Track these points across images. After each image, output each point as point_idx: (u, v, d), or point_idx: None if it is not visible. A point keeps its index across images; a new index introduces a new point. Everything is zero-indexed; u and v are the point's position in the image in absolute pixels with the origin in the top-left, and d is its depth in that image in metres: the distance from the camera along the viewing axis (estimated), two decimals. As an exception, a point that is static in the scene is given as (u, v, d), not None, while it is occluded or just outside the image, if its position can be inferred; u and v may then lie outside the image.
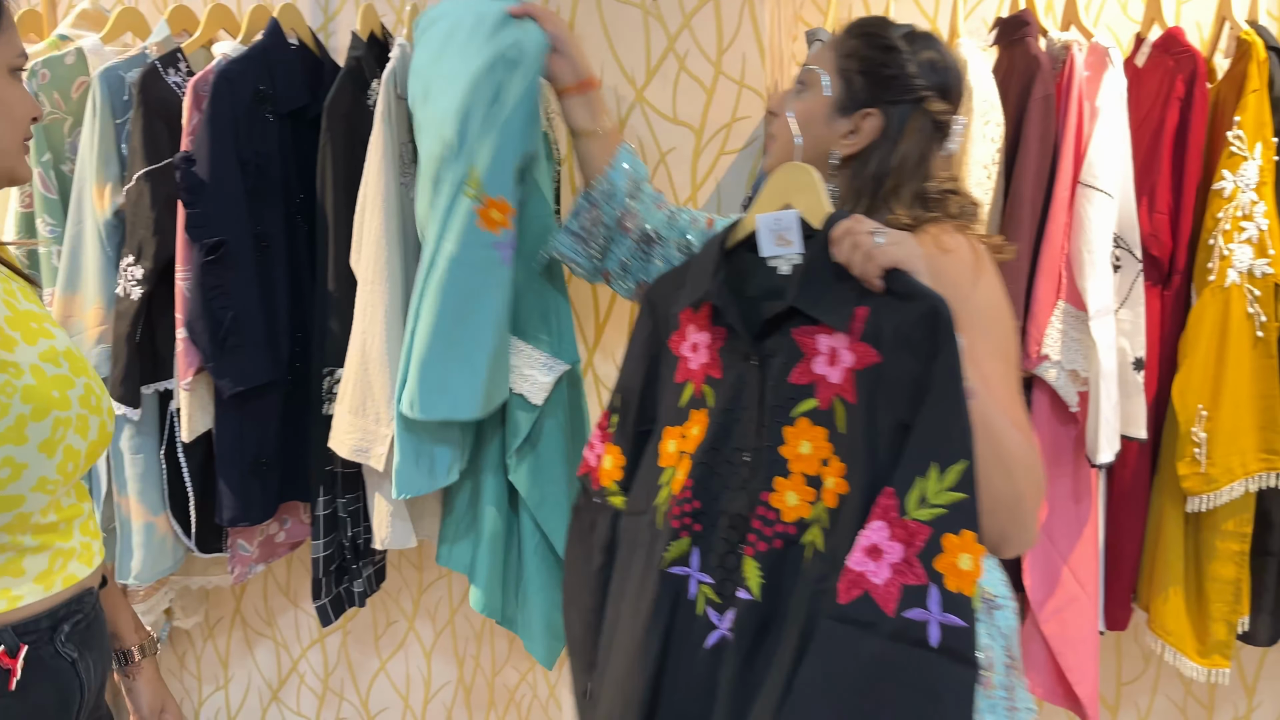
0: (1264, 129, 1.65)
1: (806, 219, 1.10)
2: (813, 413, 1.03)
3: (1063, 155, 1.69)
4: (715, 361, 1.14)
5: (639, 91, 1.89)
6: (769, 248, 1.12)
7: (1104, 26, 2.08)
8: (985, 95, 1.71)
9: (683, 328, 1.18)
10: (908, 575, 0.90)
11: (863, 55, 1.23)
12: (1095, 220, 1.65)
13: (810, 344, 1.05)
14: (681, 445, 1.14)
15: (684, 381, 1.16)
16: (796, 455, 1.04)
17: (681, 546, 1.10)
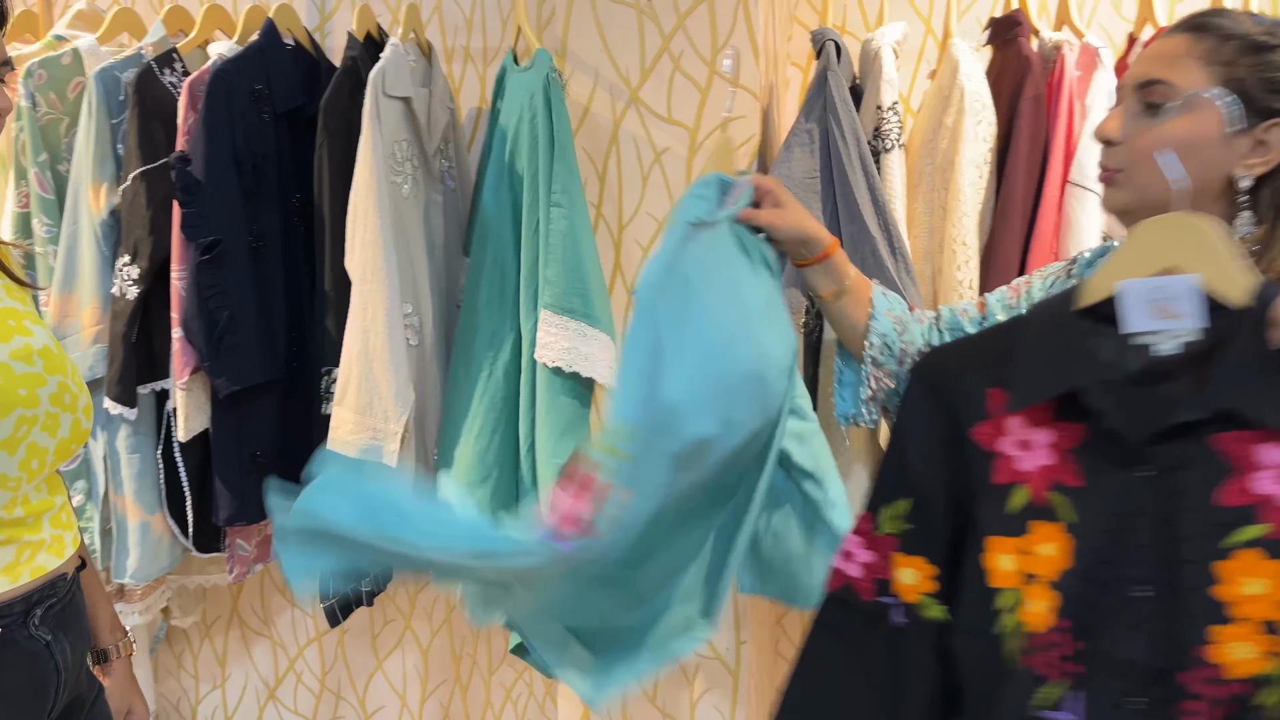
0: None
1: (1213, 288, 0.87)
2: (1261, 542, 0.84)
3: (1053, 155, 1.71)
4: (1068, 466, 0.91)
5: (634, 91, 1.90)
6: (1141, 321, 0.89)
7: (1098, 26, 2.09)
8: (977, 95, 1.73)
9: (997, 419, 0.94)
10: None
11: (1248, 60, 1.03)
12: (1084, 219, 1.67)
13: (1243, 455, 0.85)
14: (1024, 565, 0.92)
15: (1011, 484, 0.94)
16: (1241, 597, 0.84)
17: (1054, 693, 0.90)
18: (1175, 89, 1.03)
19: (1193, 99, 1.03)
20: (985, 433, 0.95)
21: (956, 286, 1.71)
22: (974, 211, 1.71)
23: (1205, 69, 1.03)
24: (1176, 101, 1.03)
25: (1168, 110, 1.04)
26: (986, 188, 1.76)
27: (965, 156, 1.71)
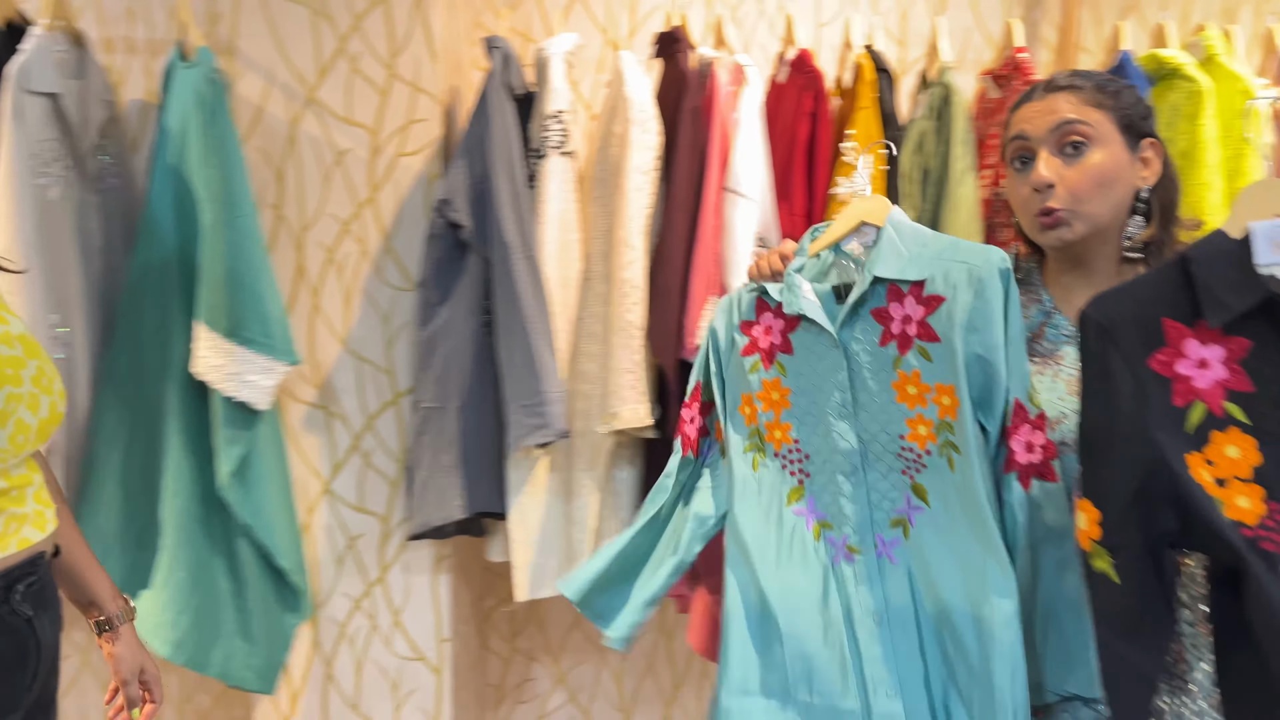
0: (872, 140, 1.88)
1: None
2: None
3: (710, 162, 1.85)
4: (1239, 374, 1.08)
5: (310, 92, 1.88)
6: (1268, 255, 1.07)
7: (757, 46, 2.28)
8: (643, 105, 1.84)
9: (1177, 343, 1.10)
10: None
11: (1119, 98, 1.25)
12: (739, 223, 1.82)
13: None
14: (1215, 471, 1.08)
15: (1189, 403, 1.09)
16: None
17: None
18: (1090, 127, 1.21)
19: (1102, 133, 1.22)
20: (1161, 360, 1.10)
21: (622, 285, 1.82)
22: (640, 215, 1.83)
23: (1098, 110, 1.22)
24: (1091, 140, 1.21)
25: (1085, 148, 1.22)
26: (654, 193, 1.88)
27: (632, 163, 1.82)
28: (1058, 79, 1.26)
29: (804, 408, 1.35)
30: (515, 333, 1.77)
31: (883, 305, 1.27)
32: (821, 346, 1.32)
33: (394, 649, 2.01)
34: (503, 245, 1.70)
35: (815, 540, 1.33)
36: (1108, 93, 1.23)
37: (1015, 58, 1.95)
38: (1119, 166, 1.22)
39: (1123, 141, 1.22)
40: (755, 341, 1.38)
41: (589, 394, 1.92)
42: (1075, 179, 1.22)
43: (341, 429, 1.95)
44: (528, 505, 1.95)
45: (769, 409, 1.39)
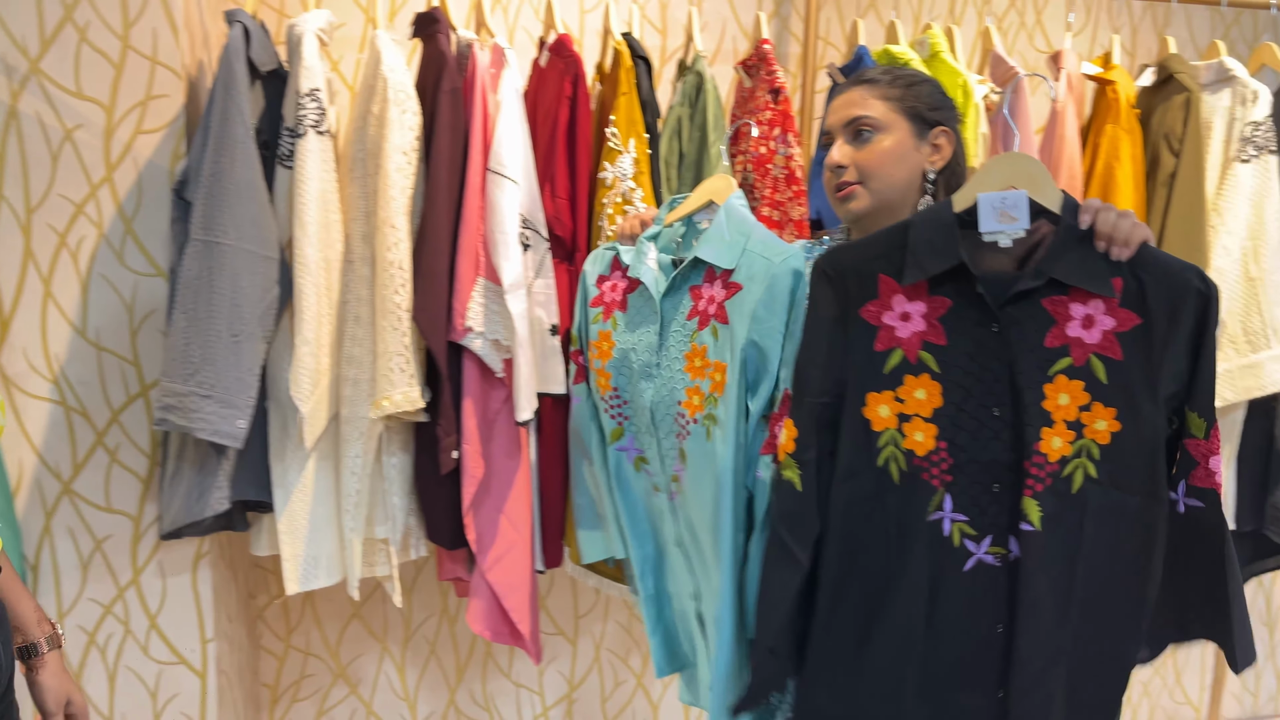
0: (635, 126, 1.94)
1: (1036, 198, 1.23)
2: (1069, 370, 1.21)
3: (473, 144, 1.85)
4: (935, 328, 1.25)
5: (34, 63, 1.74)
6: (991, 223, 1.21)
7: (522, 30, 2.30)
8: (401, 85, 1.82)
9: (885, 297, 1.26)
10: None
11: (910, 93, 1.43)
12: (504, 204, 1.83)
13: (1062, 311, 1.21)
14: (900, 408, 1.27)
15: (889, 349, 1.26)
16: (1057, 406, 1.22)
17: (938, 497, 1.26)
18: (874, 119, 1.42)
19: (887, 123, 1.41)
20: (871, 310, 1.27)
21: (388, 267, 1.79)
22: (402, 195, 1.81)
23: (886, 104, 1.42)
24: (876, 128, 1.41)
25: (871, 134, 1.41)
26: (416, 174, 1.86)
27: (392, 143, 1.79)
28: (862, 74, 1.47)
29: (620, 361, 1.57)
30: (175, 316, 1.69)
31: (699, 284, 1.47)
32: (647, 310, 1.54)
33: (151, 654, 1.91)
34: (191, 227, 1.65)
35: (636, 471, 1.64)
36: (899, 87, 1.43)
37: (761, 49, 2.07)
38: (903, 150, 1.41)
39: (910, 129, 1.42)
40: (601, 295, 1.62)
41: (356, 379, 1.89)
42: (863, 159, 1.41)
43: (83, 424, 1.82)
44: (295, 495, 1.90)
45: (597, 358, 1.63)
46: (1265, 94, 2.17)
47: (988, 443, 1.25)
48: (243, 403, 1.73)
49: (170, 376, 1.68)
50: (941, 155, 1.43)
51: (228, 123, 1.67)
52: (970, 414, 1.25)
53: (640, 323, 1.55)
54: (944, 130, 1.43)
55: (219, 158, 1.68)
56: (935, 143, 1.43)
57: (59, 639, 1.31)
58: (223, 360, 1.70)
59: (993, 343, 1.23)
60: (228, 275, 1.70)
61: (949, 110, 1.46)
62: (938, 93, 1.46)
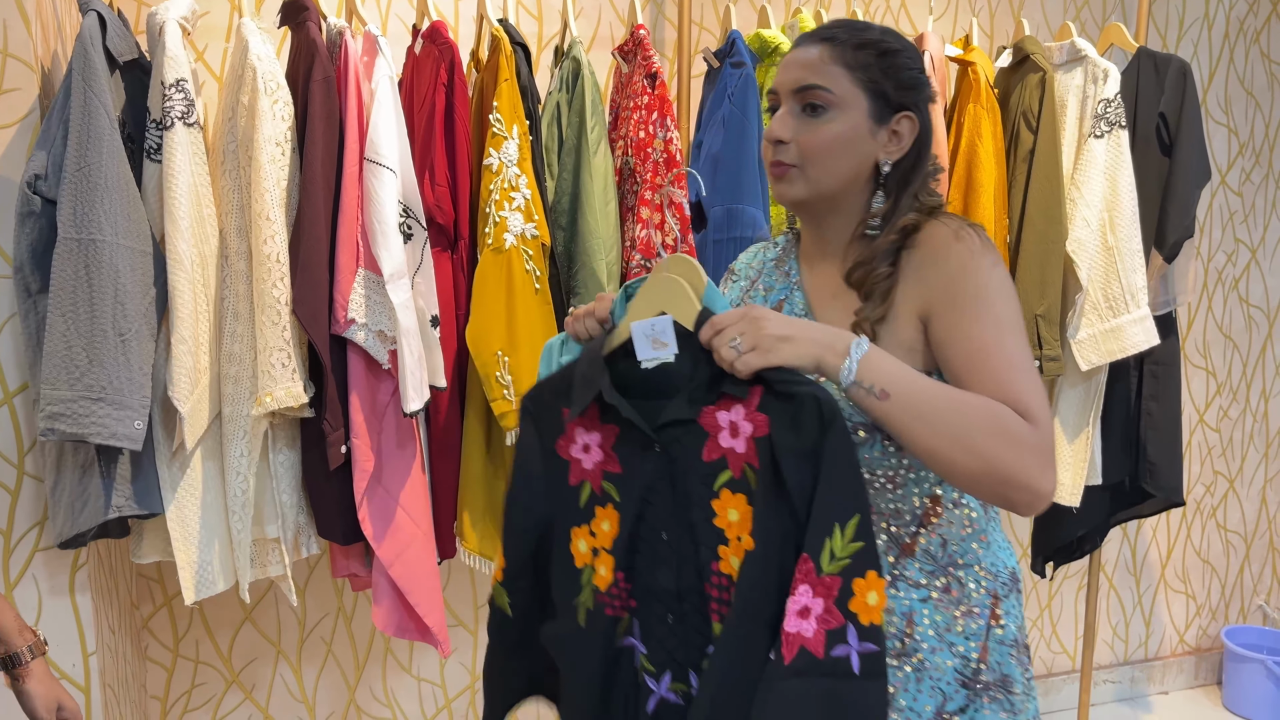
0: (517, 112, 1.94)
1: (680, 321, 1.14)
2: (730, 482, 1.11)
3: (349, 134, 1.83)
4: (610, 457, 1.19)
5: None
6: (646, 352, 1.15)
7: (395, 16, 2.27)
8: (270, 74, 1.78)
9: (569, 431, 1.20)
10: (830, 622, 1.05)
11: (879, 65, 1.20)
12: (382, 193, 1.81)
13: (712, 422, 1.12)
14: (594, 542, 1.20)
15: (580, 482, 1.21)
16: (729, 523, 1.11)
17: (624, 624, 1.19)
18: (830, 94, 1.18)
19: (844, 100, 1.18)
20: (562, 444, 1.22)
21: (265, 260, 1.76)
22: (277, 187, 1.77)
23: (848, 74, 1.18)
24: (831, 105, 1.18)
25: (824, 111, 1.18)
26: (290, 164, 1.82)
27: (264, 134, 1.75)
28: (825, 28, 1.23)
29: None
30: (51, 320, 1.63)
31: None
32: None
33: (29, 672, 1.83)
34: (61, 224, 1.59)
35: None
36: (869, 54, 1.19)
37: (636, 34, 2.09)
38: (855, 137, 1.19)
39: (867, 110, 1.19)
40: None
41: (237, 376, 1.84)
42: (807, 142, 1.19)
43: (-58, 437, 1.73)
44: (184, 500, 1.85)
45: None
46: (1114, 72, 2.30)
47: (656, 570, 1.17)
48: (137, 403, 1.67)
49: (53, 384, 1.61)
50: (900, 145, 1.21)
51: (91, 115, 1.61)
52: (644, 539, 1.17)
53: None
54: (908, 115, 1.21)
55: (85, 152, 1.62)
56: (895, 129, 1.21)
57: (41, 646, 1.31)
58: (111, 361, 1.64)
59: (659, 464, 1.15)
60: (107, 273, 1.63)
61: (921, 90, 1.22)
62: (912, 66, 1.22)
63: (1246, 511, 3.37)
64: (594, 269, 1.98)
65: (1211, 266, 3.13)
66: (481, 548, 2.04)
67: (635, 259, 1.99)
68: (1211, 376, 3.21)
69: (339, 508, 1.93)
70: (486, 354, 1.96)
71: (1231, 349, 3.22)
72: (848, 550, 1.05)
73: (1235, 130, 3.09)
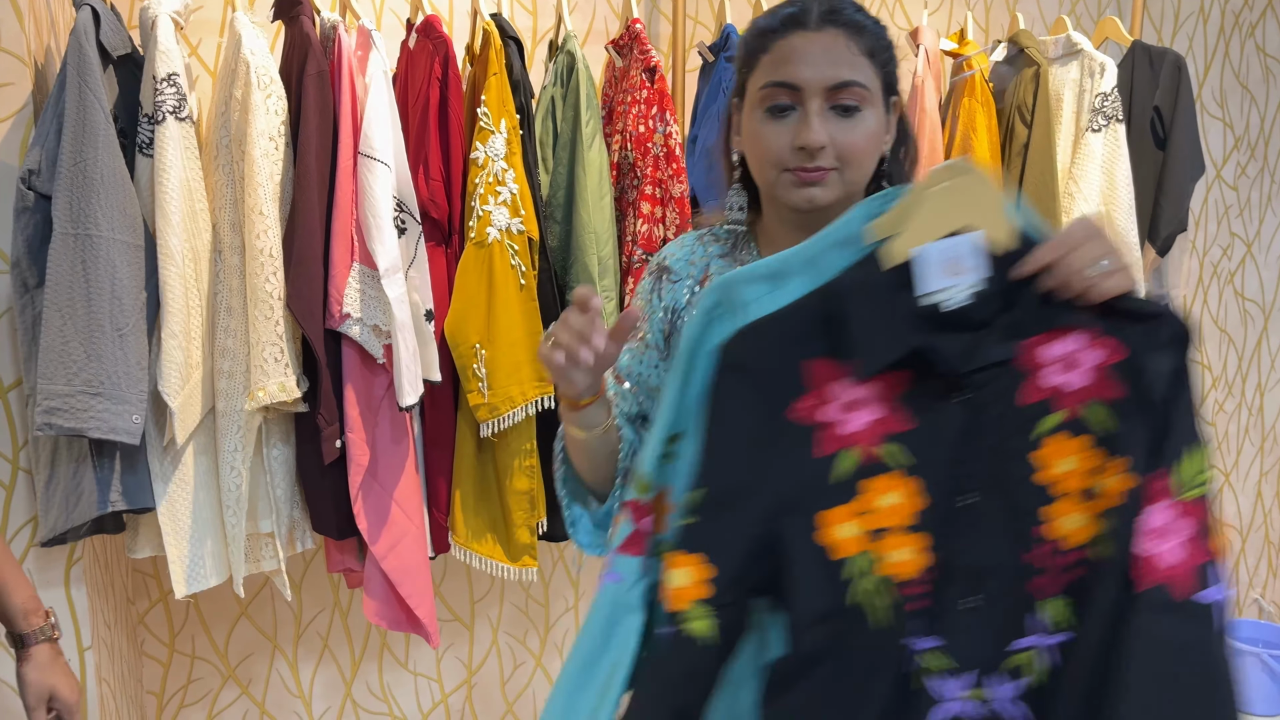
0: (506, 106, 1.94)
1: (992, 240, 0.93)
2: (1063, 425, 0.92)
3: (342, 128, 1.82)
4: (897, 413, 0.94)
5: None
6: (935, 281, 0.93)
7: (390, 10, 2.27)
8: (263, 68, 1.78)
9: (820, 388, 0.94)
10: (1199, 555, 0.87)
11: (888, 48, 1.12)
12: (376, 188, 1.81)
13: (1032, 360, 0.93)
14: (872, 522, 0.93)
15: (836, 451, 0.94)
16: (1058, 476, 0.92)
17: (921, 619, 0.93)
18: (866, 90, 1.08)
19: (873, 95, 1.09)
20: (805, 406, 0.95)
21: (258, 255, 1.76)
22: (270, 182, 1.77)
23: (870, 64, 1.08)
24: (864, 102, 1.08)
25: (858, 111, 1.08)
26: (284, 159, 1.82)
27: (256, 128, 1.75)
28: (834, 9, 1.10)
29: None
30: (47, 314, 1.63)
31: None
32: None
33: (24, 667, 1.83)
34: (56, 219, 1.59)
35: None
36: (879, 41, 1.11)
37: (632, 28, 2.09)
38: (880, 131, 1.12)
39: (883, 100, 1.11)
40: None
41: (231, 371, 1.84)
42: (846, 143, 1.08)
43: (-65, 431, 1.73)
44: (176, 494, 1.85)
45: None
46: (1111, 66, 2.30)
47: (967, 542, 0.93)
48: (135, 397, 1.67)
49: (50, 378, 1.61)
50: (892, 132, 1.15)
51: (86, 110, 1.61)
52: (956, 512, 0.94)
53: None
54: (897, 100, 1.15)
55: (81, 147, 1.61)
56: (892, 115, 1.15)
57: (52, 629, 1.29)
58: (109, 356, 1.64)
59: (956, 416, 0.94)
60: (104, 268, 1.64)
61: (895, 67, 1.15)
62: (894, 45, 1.15)
63: (1242, 505, 3.37)
64: (586, 263, 1.98)
65: (1207, 260, 3.13)
66: (472, 541, 2.04)
67: (637, 254, 1.99)
68: (1207, 370, 3.21)
69: (334, 502, 1.93)
70: (464, 346, 1.97)
71: (1227, 343, 3.22)
72: (1201, 479, 0.89)
73: (1230, 124, 3.09)
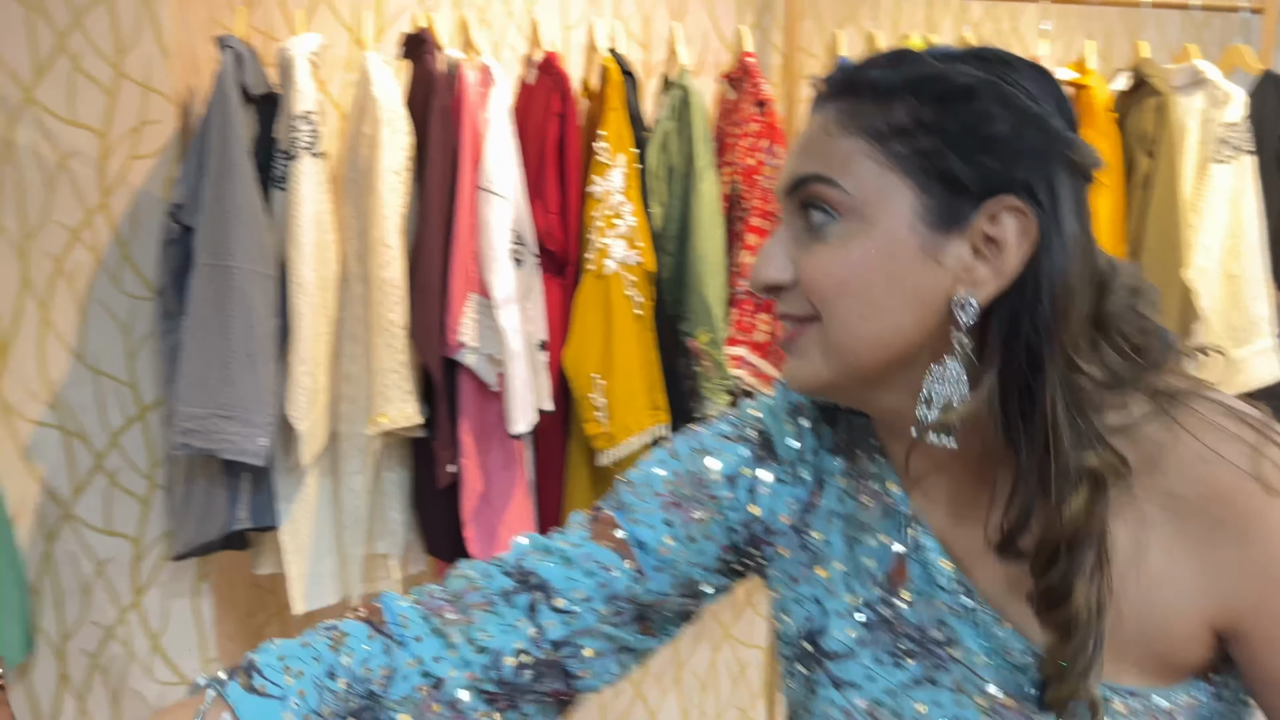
0: (624, 140, 1.97)
1: None
2: None
3: (463, 162, 1.88)
4: None
5: (28, 92, 1.75)
6: None
7: (507, 48, 2.33)
8: (391, 105, 1.84)
9: None
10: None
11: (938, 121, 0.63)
12: (494, 221, 1.86)
13: None
14: None
15: None
16: None
17: None
18: (838, 189, 0.64)
19: (866, 200, 0.64)
20: None
21: (382, 285, 1.82)
22: (395, 215, 1.83)
23: (873, 149, 0.64)
24: (845, 209, 0.64)
25: (835, 224, 0.65)
26: (408, 193, 1.89)
27: (384, 164, 1.82)
28: (847, 70, 0.69)
29: None
30: (186, 341, 1.72)
31: None
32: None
33: (155, 675, 1.92)
34: (198, 251, 1.68)
35: None
36: (910, 104, 0.63)
37: (745, 61, 2.10)
38: (893, 253, 0.63)
39: (916, 203, 0.63)
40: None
41: (353, 396, 1.91)
42: (811, 273, 0.65)
43: (81, 448, 1.83)
44: (298, 514, 1.92)
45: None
46: (1239, 95, 2.22)
47: None
48: (263, 421, 1.75)
49: (188, 401, 1.70)
50: (1000, 266, 0.62)
51: (227, 148, 1.70)
52: None
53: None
54: (1013, 205, 0.62)
55: (222, 183, 1.71)
56: (987, 232, 0.62)
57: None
58: (241, 381, 1.72)
59: None
60: (238, 297, 1.72)
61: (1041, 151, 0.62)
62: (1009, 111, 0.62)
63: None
64: (703, 294, 1.99)
65: (1342, 295, 2.98)
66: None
67: (742, 286, 2.00)
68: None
69: (445, 526, 1.98)
70: (582, 376, 1.99)
71: (1364, 382, 3.05)
72: None
73: (1369, 153, 2.94)
